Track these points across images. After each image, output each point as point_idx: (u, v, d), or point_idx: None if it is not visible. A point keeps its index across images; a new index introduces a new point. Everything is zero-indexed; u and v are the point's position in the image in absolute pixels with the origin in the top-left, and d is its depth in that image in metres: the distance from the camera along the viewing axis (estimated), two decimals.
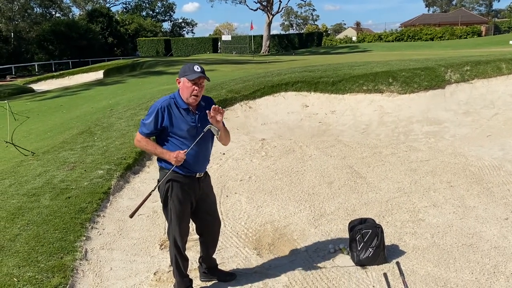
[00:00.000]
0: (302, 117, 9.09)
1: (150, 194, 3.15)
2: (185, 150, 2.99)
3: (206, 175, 3.30)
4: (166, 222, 3.25)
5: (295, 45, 52.33)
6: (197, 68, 2.97)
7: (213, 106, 3.00)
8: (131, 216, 3.22)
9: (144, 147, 3.11)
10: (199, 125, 3.08)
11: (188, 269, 3.40)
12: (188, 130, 3.04)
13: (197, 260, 3.61)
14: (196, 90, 2.97)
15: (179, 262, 3.24)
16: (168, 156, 3.01)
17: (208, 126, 3.03)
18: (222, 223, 4.55)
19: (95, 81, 22.11)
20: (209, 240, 3.46)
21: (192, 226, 3.37)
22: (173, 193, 3.10)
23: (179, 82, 3.04)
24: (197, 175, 3.15)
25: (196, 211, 3.27)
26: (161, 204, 3.22)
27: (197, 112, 3.09)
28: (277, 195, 5.38)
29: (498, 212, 4.66)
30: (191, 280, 3.37)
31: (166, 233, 3.32)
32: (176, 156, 2.95)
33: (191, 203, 3.20)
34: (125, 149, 6.52)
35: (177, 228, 3.15)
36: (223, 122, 3.12)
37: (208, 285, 3.52)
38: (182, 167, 3.05)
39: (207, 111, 3.01)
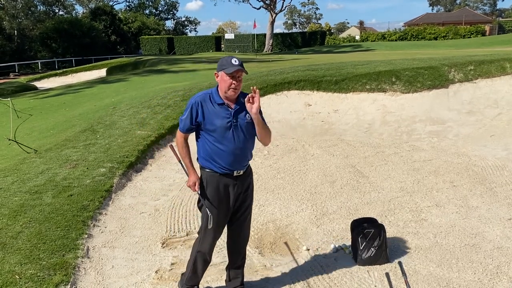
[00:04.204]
0: (304, 116, 9.07)
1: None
2: (198, 186, 3.01)
3: (248, 173, 3.15)
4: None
5: (298, 43, 52.23)
6: (235, 61, 2.88)
7: (247, 96, 2.90)
8: (171, 145, 3.26)
9: (178, 148, 3.11)
10: (234, 121, 2.95)
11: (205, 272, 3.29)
12: (221, 125, 2.92)
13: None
14: (234, 83, 2.90)
15: (197, 262, 3.15)
16: (189, 173, 3.06)
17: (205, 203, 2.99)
18: None
19: (98, 79, 22.13)
20: (232, 249, 3.28)
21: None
22: (207, 191, 3.02)
23: (217, 76, 2.95)
24: (235, 173, 3.02)
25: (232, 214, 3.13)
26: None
27: (233, 107, 2.98)
28: (279, 194, 5.37)
29: (501, 212, 4.63)
30: (198, 281, 3.27)
31: (198, 231, 3.21)
32: (192, 183, 3.01)
33: (228, 204, 3.05)
34: (128, 147, 6.52)
35: (204, 229, 3.06)
36: (262, 118, 3.03)
37: (211, 285, 3.51)
38: (217, 165, 2.97)
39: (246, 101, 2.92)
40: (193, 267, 3.18)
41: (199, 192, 3.03)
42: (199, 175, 3.08)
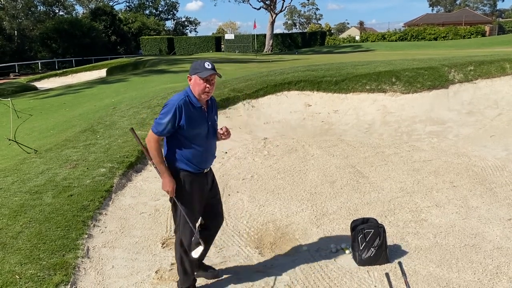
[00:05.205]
0: (304, 116, 9.08)
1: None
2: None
3: (210, 168, 3.34)
4: (174, 220, 3.23)
5: (298, 44, 52.25)
6: (208, 65, 2.94)
7: (226, 129, 3.18)
8: (132, 129, 3.27)
9: (152, 152, 2.99)
10: (209, 123, 3.10)
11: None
12: (201, 128, 3.03)
13: None
14: (208, 87, 2.96)
15: (184, 260, 3.22)
16: (165, 178, 3.01)
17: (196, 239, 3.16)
18: (224, 222, 4.57)
19: (98, 79, 22.15)
20: (208, 235, 3.44)
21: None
22: (183, 191, 3.07)
23: (190, 80, 3.00)
24: (205, 171, 3.18)
25: (205, 205, 3.30)
26: (168, 202, 3.21)
27: (207, 110, 3.10)
28: (279, 194, 5.37)
29: (501, 212, 4.64)
30: (195, 280, 3.35)
31: (174, 231, 3.30)
32: (171, 189, 3.00)
33: (201, 201, 3.20)
34: (128, 147, 6.52)
35: (184, 228, 3.13)
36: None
37: (208, 283, 3.52)
38: (192, 165, 3.06)
39: (219, 132, 3.18)
40: (182, 268, 3.24)
41: (174, 196, 3.07)
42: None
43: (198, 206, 3.20)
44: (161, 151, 3.02)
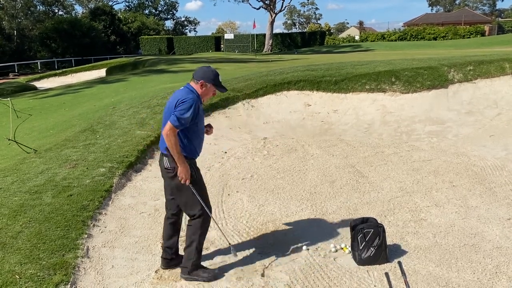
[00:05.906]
0: (304, 116, 9.08)
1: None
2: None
3: None
4: (192, 208, 3.43)
5: (297, 44, 52.23)
6: (221, 79, 3.49)
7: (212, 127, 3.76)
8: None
9: (173, 144, 3.22)
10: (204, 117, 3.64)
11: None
12: (203, 122, 3.54)
13: (162, 248, 3.77)
14: (214, 95, 3.58)
15: (201, 242, 3.52)
16: (185, 167, 3.29)
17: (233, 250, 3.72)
18: (224, 221, 4.61)
19: (97, 79, 22.13)
20: (181, 220, 3.78)
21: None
22: (196, 176, 3.43)
23: (202, 85, 3.36)
24: None
25: None
26: (180, 191, 3.43)
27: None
28: (279, 194, 5.38)
29: (500, 212, 4.64)
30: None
31: (188, 221, 3.52)
32: (189, 176, 3.31)
33: None
34: (127, 147, 6.53)
35: (205, 209, 3.42)
36: None
37: (210, 283, 3.52)
38: (195, 153, 3.49)
39: (208, 129, 3.68)
40: (197, 250, 3.49)
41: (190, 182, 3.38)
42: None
43: None
44: (178, 143, 3.29)
